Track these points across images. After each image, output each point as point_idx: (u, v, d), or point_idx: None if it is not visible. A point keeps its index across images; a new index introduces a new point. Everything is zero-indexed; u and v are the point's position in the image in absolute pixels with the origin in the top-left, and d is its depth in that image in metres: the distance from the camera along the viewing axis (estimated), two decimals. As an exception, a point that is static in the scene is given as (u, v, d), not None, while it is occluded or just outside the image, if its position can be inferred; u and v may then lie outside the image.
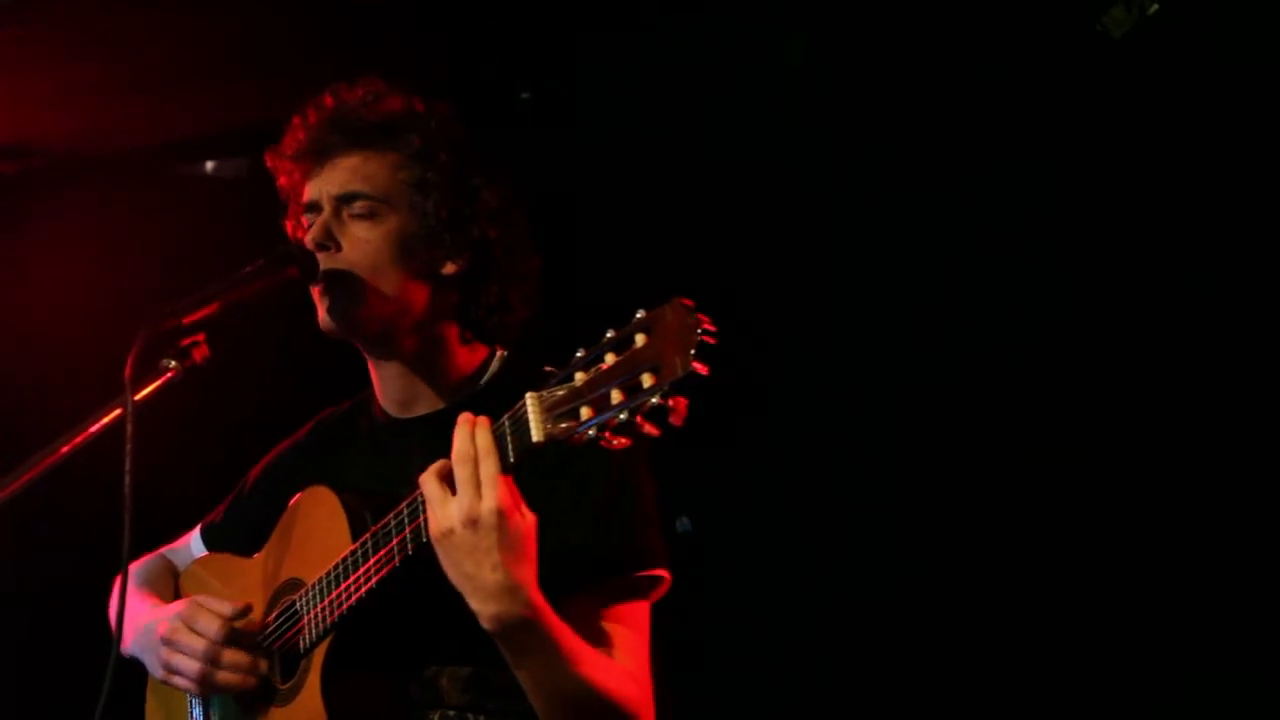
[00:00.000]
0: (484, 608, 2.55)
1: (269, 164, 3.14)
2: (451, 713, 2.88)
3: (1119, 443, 4.28)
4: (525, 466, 2.56)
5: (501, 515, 2.51)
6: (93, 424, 2.79)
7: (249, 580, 3.15)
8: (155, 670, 3.07)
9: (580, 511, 2.82)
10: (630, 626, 2.84)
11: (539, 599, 2.58)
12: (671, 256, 4.57)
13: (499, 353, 3.10)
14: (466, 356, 3.07)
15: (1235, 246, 4.09)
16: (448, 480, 2.57)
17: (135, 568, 3.38)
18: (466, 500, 2.52)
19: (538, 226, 3.13)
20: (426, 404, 3.06)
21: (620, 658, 2.80)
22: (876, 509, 4.53)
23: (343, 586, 2.81)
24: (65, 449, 2.78)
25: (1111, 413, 4.29)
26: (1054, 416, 4.35)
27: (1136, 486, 4.26)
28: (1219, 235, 4.11)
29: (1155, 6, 3.26)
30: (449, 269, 3.02)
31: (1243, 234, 4.09)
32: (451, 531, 2.53)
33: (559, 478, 2.81)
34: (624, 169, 4.74)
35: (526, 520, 2.56)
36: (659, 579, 2.89)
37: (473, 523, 2.51)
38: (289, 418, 3.39)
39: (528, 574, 2.55)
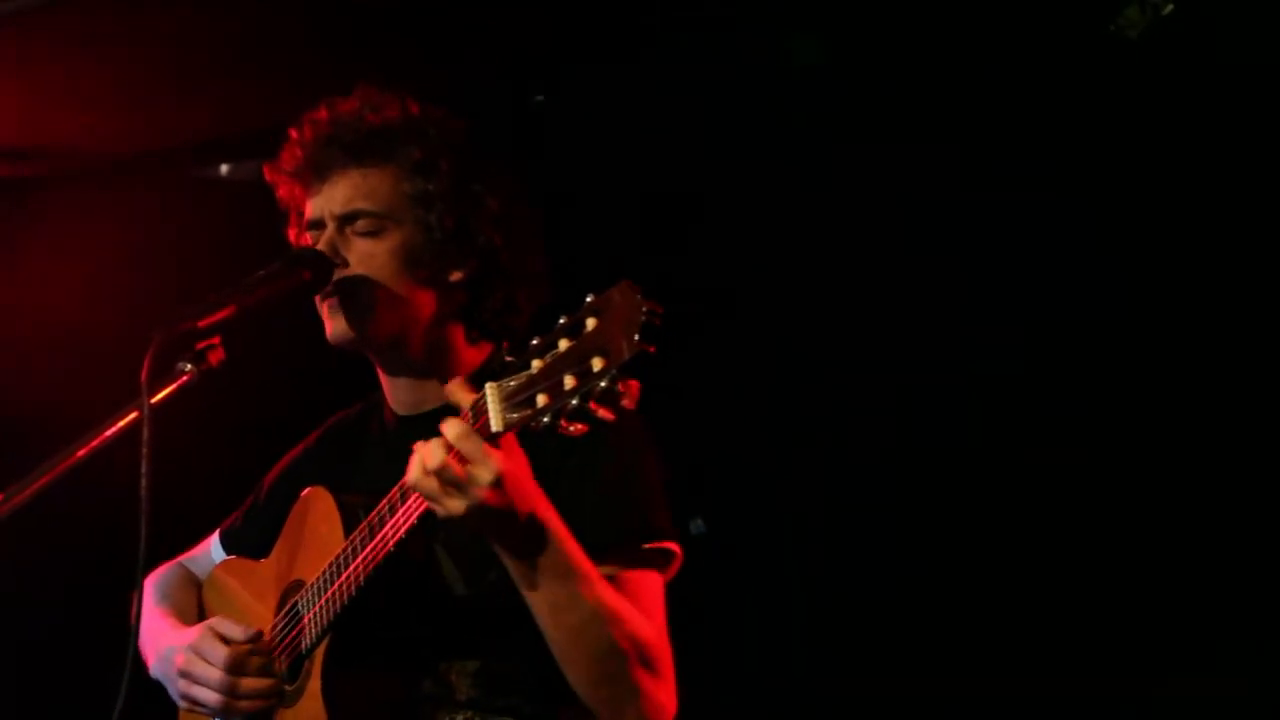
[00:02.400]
0: (508, 541, 2.60)
1: (268, 178, 3.13)
2: (460, 716, 2.88)
3: (1128, 445, 4.28)
4: (531, 440, 2.57)
5: (500, 476, 2.52)
6: (109, 427, 2.78)
7: (264, 583, 3.16)
8: (177, 700, 3.08)
9: (587, 487, 2.82)
10: (644, 597, 2.84)
11: (554, 513, 2.62)
12: (679, 253, 4.57)
13: (504, 346, 3.10)
14: (473, 355, 3.08)
15: (1251, 247, 4.10)
16: (434, 473, 2.56)
17: (154, 581, 3.38)
18: (461, 485, 2.52)
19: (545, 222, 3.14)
20: (434, 402, 3.04)
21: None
22: (886, 510, 4.53)
23: (336, 585, 2.81)
24: (81, 452, 2.76)
25: (1120, 414, 4.29)
26: (1059, 417, 4.35)
27: (1140, 488, 4.26)
28: (1234, 236, 4.11)
29: (1170, 7, 3.26)
30: (455, 276, 3.02)
31: (1258, 234, 4.10)
32: (468, 509, 2.54)
33: (566, 457, 2.81)
34: (631, 166, 4.74)
35: (515, 458, 2.57)
36: (670, 554, 2.89)
37: (480, 499, 2.52)
38: (301, 420, 3.39)
39: (535, 492, 2.60)
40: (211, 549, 3.44)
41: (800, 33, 4.57)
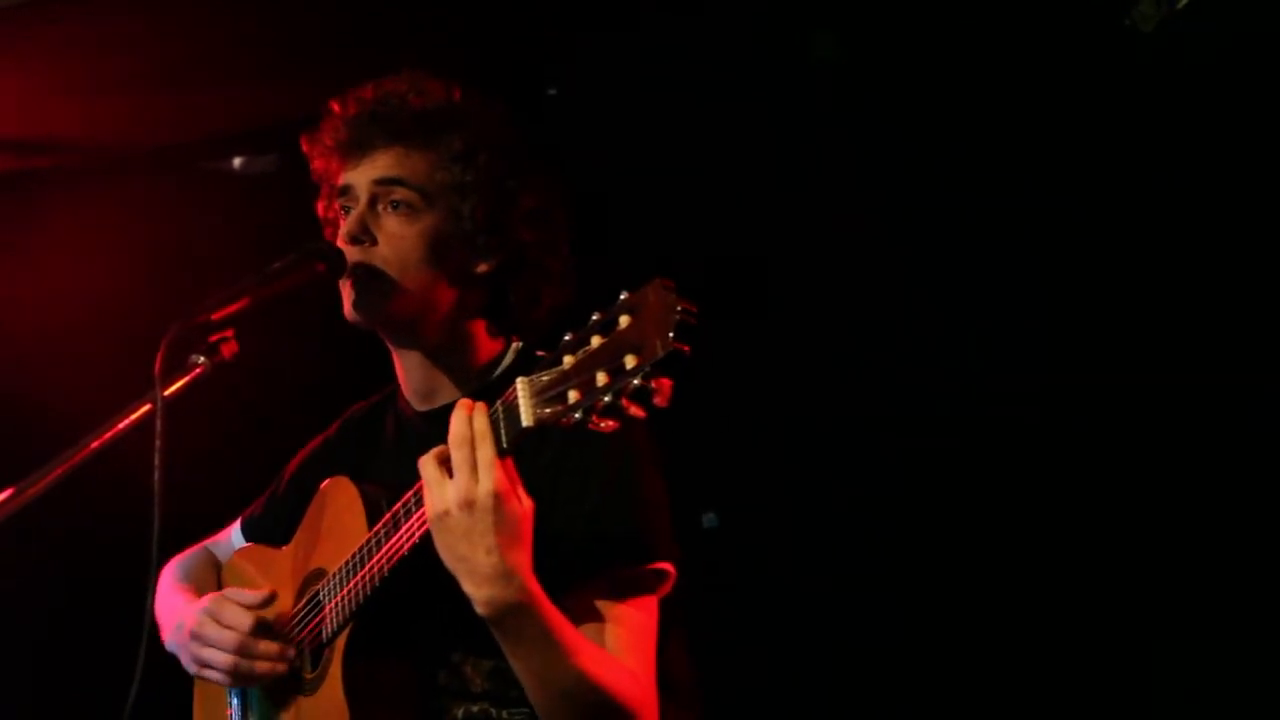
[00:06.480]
0: (477, 592, 2.58)
1: (304, 148, 3.12)
2: (475, 707, 2.89)
3: (1146, 453, 4.28)
4: (526, 458, 2.60)
5: (498, 499, 2.53)
6: (121, 420, 2.78)
7: (282, 570, 3.18)
8: (188, 665, 3.10)
9: (581, 504, 2.82)
10: (634, 623, 2.83)
11: (534, 585, 2.61)
12: (693, 248, 4.57)
13: (516, 341, 3.11)
14: (490, 348, 3.08)
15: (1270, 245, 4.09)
16: (446, 464, 2.59)
17: (179, 561, 3.42)
18: (463, 483, 2.54)
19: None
20: (448, 394, 3.06)
21: (623, 655, 2.78)
22: (902, 506, 4.52)
23: (359, 575, 2.83)
24: (94, 445, 2.76)
25: (1142, 418, 4.28)
26: (1080, 419, 4.34)
27: (1158, 497, 4.25)
28: (1253, 232, 4.10)
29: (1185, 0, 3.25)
30: (481, 268, 3.02)
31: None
32: (447, 513, 2.56)
33: (560, 470, 2.81)
34: (645, 158, 4.74)
35: (524, 505, 2.58)
36: (664, 573, 2.88)
37: (469, 505, 2.54)
38: (316, 413, 3.41)
39: (522, 559, 2.58)
40: (233, 535, 3.46)
41: (816, 27, 4.57)
